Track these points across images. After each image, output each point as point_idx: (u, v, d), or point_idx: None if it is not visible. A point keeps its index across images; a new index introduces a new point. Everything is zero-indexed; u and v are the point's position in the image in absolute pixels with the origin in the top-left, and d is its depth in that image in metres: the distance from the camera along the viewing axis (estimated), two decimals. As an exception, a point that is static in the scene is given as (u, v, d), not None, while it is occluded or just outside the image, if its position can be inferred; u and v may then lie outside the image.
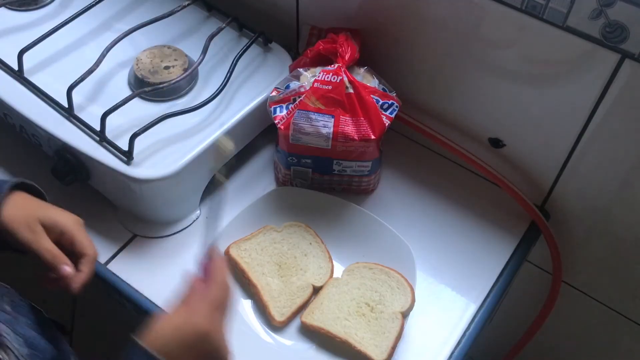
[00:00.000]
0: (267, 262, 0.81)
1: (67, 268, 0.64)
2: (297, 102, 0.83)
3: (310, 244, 0.83)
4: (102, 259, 0.82)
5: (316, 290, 0.80)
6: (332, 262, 0.82)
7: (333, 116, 0.81)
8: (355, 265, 0.81)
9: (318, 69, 0.84)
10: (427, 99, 0.92)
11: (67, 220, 0.67)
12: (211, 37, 0.91)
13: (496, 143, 0.89)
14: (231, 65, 0.89)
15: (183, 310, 0.60)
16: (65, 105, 0.82)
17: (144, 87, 0.85)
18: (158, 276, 0.81)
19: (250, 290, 0.79)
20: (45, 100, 0.84)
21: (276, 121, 0.83)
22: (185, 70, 0.88)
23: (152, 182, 0.78)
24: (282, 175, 0.90)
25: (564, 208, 0.89)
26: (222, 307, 0.61)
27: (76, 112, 0.82)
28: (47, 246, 0.64)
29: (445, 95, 0.90)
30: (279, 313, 0.77)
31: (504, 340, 1.13)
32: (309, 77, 0.85)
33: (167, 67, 0.88)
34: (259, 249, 0.82)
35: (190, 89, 0.89)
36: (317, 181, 0.89)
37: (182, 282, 0.62)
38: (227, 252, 0.81)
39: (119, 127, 0.81)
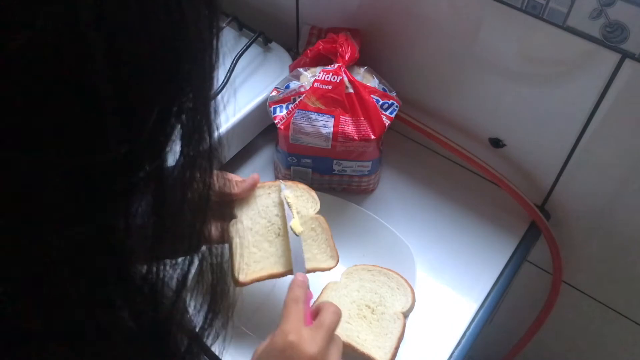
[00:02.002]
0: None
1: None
2: (297, 102, 0.83)
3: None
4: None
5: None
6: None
7: (333, 116, 0.81)
8: (353, 268, 0.81)
9: (318, 69, 0.84)
10: (427, 98, 0.92)
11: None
12: (211, 37, 0.91)
13: (496, 143, 0.89)
14: (231, 65, 0.89)
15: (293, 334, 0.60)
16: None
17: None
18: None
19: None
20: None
21: (276, 121, 0.83)
22: (185, 70, 0.87)
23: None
24: (282, 175, 0.89)
25: (564, 208, 0.89)
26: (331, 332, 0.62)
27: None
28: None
29: (446, 95, 0.90)
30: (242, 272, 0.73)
31: (504, 340, 1.13)
32: (308, 77, 0.85)
33: (166, 67, 0.88)
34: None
35: (190, 89, 0.89)
36: (317, 181, 0.89)
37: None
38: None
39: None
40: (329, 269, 0.74)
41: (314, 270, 0.73)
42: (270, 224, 0.76)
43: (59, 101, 0.24)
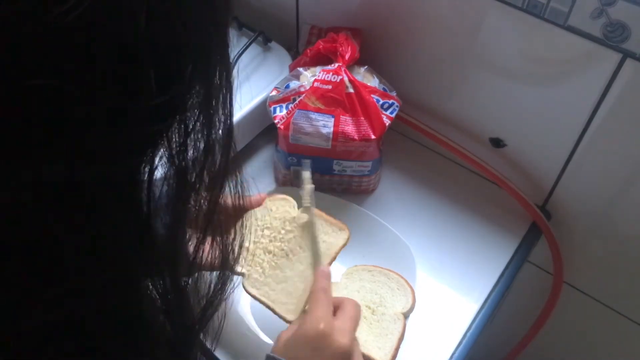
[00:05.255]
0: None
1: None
2: (297, 101, 0.82)
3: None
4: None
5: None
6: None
7: (333, 116, 0.81)
8: (353, 268, 0.80)
9: (318, 69, 0.84)
10: (428, 98, 0.92)
11: None
12: (211, 37, 0.90)
13: (497, 143, 0.89)
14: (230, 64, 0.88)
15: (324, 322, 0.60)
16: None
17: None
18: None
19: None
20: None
21: (276, 121, 0.83)
22: (184, 69, 0.87)
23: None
24: (282, 175, 0.89)
25: (566, 208, 0.89)
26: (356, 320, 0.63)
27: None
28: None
29: (446, 95, 0.90)
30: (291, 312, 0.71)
31: (505, 341, 1.13)
32: (308, 76, 0.84)
33: (166, 67, 0.88)
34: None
35: (190, 89, 0.89)
36: (317, 181, 0.88)
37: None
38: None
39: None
40: (346, 243, 0.72)
41: (335, 256, 0.71)
42: (271, 243, 0.74)
43: (108, 52, 0.28)
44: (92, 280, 0.33)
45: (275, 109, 0.84)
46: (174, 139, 0.34)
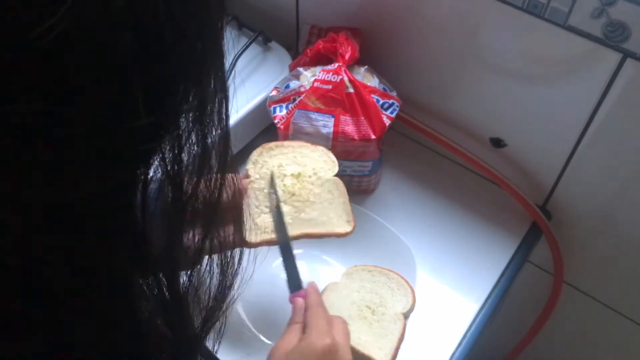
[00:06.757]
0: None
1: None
2: (296, 101, 0.82)
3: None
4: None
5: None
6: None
7: (333, 116, 0.81)
8: (353, 268, 0.80)
9: (318, 69, 0.84)
10: (428, 98, 0.92)
11: None
12: (210, 37, 0.90)
13: (497, 143, 0.89)
14: (230, 64, 0.88)
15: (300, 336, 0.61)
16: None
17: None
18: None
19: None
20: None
21: (276, 121, 0.83)
22: (184, 69, 0.87)
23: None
24: (282, 175, 0.89)
25: (566, 208, 0.89)
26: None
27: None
28: None
29: (446, 95, 0.90)
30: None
31: (505, 341, 1.13)
32: (308, 76, 0.84)
33: (166, 67, 0.88)
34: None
35: (190, 89, 0.89)
36: (317, 181, 0.88)
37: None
38: None
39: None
40: (345, 234, 0.71)
41: (328, 235, 0.71)
42: (282, 183, 0.72)
43: (90, 74, 0.26)
44: (86, 299, 0.33)
45: (275, 108, 0.84)
46: (167, 153, 0.33)
